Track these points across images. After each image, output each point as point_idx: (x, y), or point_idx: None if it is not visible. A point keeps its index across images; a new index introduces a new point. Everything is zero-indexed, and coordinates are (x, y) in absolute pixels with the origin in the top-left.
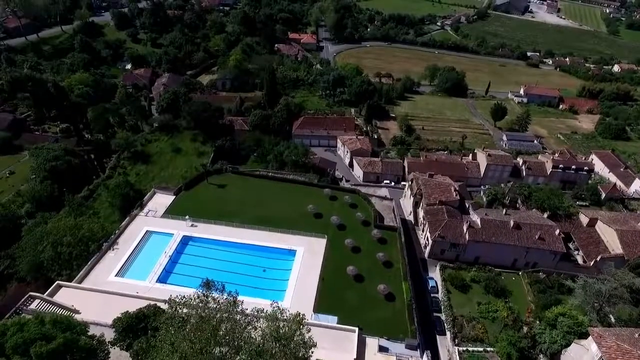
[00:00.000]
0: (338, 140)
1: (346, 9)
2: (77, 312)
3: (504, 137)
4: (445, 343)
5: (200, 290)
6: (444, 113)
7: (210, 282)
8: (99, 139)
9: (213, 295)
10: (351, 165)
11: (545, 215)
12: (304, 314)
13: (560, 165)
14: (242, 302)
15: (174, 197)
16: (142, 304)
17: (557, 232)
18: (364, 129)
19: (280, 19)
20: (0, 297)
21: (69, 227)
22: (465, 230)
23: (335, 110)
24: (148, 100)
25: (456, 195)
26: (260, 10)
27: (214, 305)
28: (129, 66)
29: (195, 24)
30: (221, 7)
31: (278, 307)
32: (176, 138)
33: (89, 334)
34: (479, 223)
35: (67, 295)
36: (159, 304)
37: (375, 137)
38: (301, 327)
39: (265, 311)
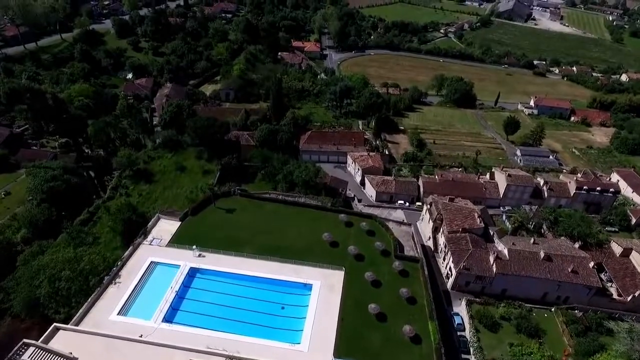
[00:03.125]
0: (348, 156)
1: (349, 16)
2: (76, 359)
3: (518, 152)
4: None
5: None
6: (453, 125)
7: None
8: (100, 154)
9: None
10: (363, 183)
11: (577, 245)
12: None
13: (585, 187)
14: None
15: (180, 223)
16: (147, 349)
17: (591, 264)
18: (374, 143)
19: (283, 27)
20: None
21: (68, 259)
22: (492, 261)
23: (342, 122)
24: (150, 111)
25: (480, 222)
26: (263, 18)
27: None
28: (130, 76)
29: (198, 32)
30: (223, 15)
31: None
32: (180, 155)
33: None
34: (507, 254)
35: (65, 340)
36: None
37: (387, 152)
38: None
39: None
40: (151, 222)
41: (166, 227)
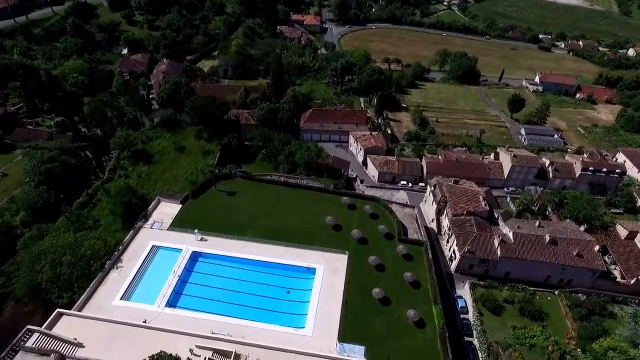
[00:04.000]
0: (350, 136)
1: None
2: (81, 345)
3: (523, 131)
4: None
5: None
6: (457, 103)
7: None
8: (97, 134)
9: None
10: (365, 163)
11: (582, 228)
12: None
13: (590, 168)
14: None
15: (181, 206)
16: (151, 334)
17: (597, 248)
18: (376, 121)
19: None
20: None
21: (68, 244)
22: (496, 245)
23: (343, 100)
24: (147, 88)
25: (485, 205)
26: None
27: None
28: (125, 51)
29: (194, 4)
30: None
31: None
32: (179, 135)
33: None
34: (512, 237)
35: (69, 325)
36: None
37: (389, 131)
38: None
39: None
40: (151, 205)
41: (167, 210)
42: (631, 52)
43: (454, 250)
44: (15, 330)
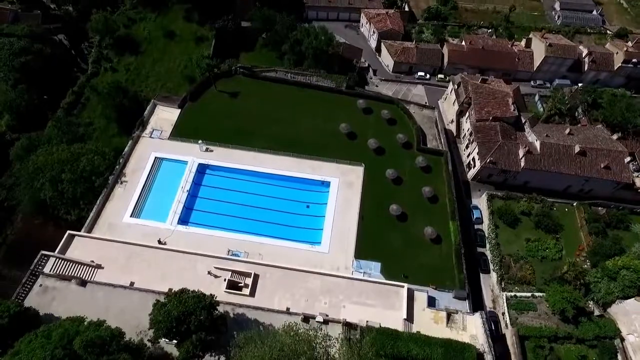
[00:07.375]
0: (362, 15)
1: None
2: (100, 267)
3: (557, 6)
4: (488, 282)
5: None
6: None
7: None
8: (70, 12)
9: None
10: (378, 49)
11: (615, 136)
12: None
13: (634, 60)
14: None
15: (179, 110)
16: (169, 256)
17: (627, 159)
18: None
19: None
20: (10, 231)
21: (65, 159)
22: (521, 156)
23: None
24: None
25: (514, 109)
26: None
27: None
28: None
29: None
30: None
31: None
32: (165, 16)
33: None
34: (538, 147)
35: (83, 247)
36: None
37: (406, 8)
38: None
39: None
40: (147, 111)
41: (165, 115)
42: None
43: (473, 158)
44: (28, 245)
